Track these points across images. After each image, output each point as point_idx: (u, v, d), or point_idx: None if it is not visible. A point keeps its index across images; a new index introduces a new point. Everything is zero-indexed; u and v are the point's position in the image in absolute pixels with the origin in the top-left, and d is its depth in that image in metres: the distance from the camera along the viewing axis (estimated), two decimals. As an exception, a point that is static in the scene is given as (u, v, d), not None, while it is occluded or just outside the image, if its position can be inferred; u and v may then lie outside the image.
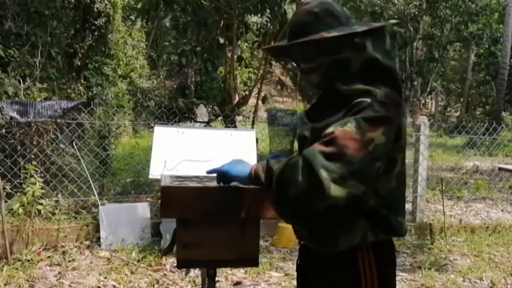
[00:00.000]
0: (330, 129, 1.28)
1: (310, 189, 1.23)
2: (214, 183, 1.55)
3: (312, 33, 1.40)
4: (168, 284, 3.60)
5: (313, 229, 1.45)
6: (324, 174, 1.20)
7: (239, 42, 7.27)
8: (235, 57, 6.47)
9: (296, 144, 1.51)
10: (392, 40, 1.48)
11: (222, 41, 6.23)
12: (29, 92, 5.41)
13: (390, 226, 1.41)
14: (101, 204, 4.56)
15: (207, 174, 1.59)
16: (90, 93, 10.83)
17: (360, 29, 1.39)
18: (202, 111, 5.26)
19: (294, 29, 1.46)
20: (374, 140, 1.26)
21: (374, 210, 1.37)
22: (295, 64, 1.52)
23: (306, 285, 1.59)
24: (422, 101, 26.95)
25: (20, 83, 5.51)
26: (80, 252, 4.22)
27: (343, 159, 1.22)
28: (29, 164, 4.25)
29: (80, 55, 11.20)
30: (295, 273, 1.67)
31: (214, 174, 1.52)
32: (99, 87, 11.32)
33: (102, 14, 11.59)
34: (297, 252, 1.65)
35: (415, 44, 22.10)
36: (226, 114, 5.97)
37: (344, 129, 1.25)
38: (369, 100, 1.30)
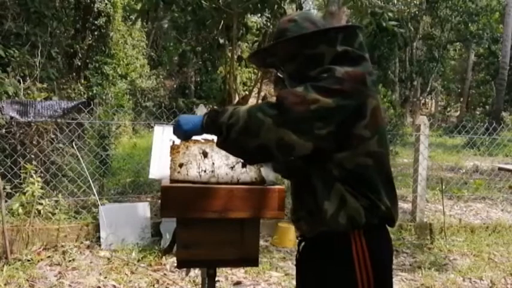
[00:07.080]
0: None
1: (245, 128, 1.34)
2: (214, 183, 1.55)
3: None
4: (168, 284, 3.60)
5: (298, 201, 1.51)
6: (260, 115, 1.32)
7: (239, 42, 7.26)
8: (235, 57, 6.46)
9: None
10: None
11: (222, 41, 6.23)
12: (29, 92, 5.41)
13: (370, 201, 1.42)
14: (101, 204, 4.56)
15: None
16: (90, 93, 10.84)
17: (333, 26, 1.55)
18: (202, 111, 5.24)
19: (276, 35, 1.60)
20: (320, 101, 1.32)
21: (346, 181, 1.41)
22: (278, 66, 1.62)
23: (302, 279, 1.60)
24: (422, 101, 26.97)
25: (20, 83, 5.51)
26: (80, 252, 4.22)
27: (281, 107, 1.32)
28: (28, 164, 4.25)
29: (80, 55, 11.21)
30: (295, 273, 1.67)
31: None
32: (100, 87, 11.33)
33: (102, 14, 11.61)
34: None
35: (415, 44, 22.12)
36: (227, 114, 5.94)
37: (291, 89, 1.38)
38: (325, 75, 1.38)
